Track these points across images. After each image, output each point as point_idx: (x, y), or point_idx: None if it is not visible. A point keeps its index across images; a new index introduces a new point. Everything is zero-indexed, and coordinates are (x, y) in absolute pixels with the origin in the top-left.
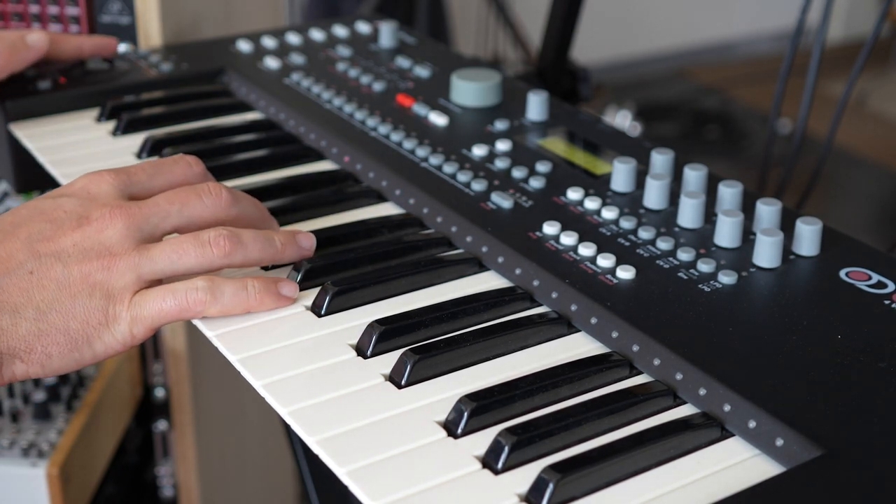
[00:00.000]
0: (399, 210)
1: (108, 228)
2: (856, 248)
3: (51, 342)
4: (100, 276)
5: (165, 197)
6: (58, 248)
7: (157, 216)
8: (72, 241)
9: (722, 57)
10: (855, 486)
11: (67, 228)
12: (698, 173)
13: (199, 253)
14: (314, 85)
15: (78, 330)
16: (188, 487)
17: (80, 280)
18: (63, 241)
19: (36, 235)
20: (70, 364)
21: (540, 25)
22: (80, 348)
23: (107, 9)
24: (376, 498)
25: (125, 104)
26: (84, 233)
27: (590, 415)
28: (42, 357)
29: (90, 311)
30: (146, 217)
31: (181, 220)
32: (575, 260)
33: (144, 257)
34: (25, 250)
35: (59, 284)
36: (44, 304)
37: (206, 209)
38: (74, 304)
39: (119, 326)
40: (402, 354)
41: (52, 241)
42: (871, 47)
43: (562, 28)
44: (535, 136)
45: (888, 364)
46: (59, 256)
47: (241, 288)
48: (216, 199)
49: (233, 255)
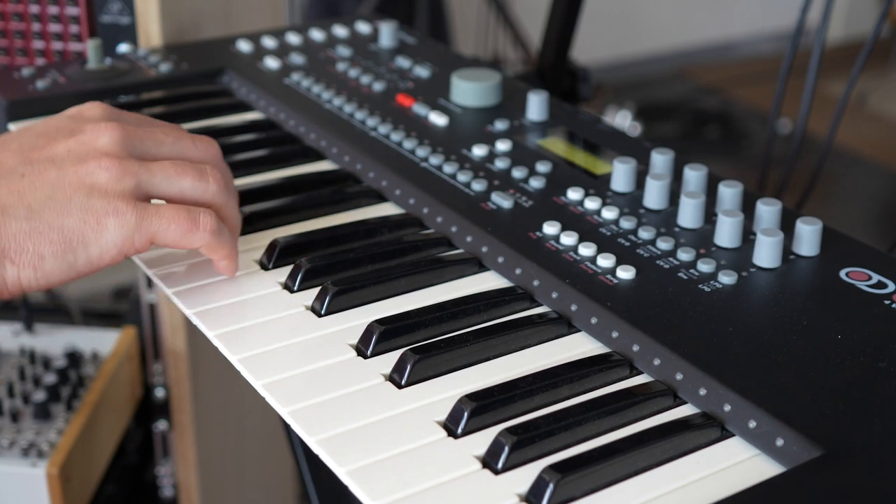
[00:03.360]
0: (399, 210)
1: (103, 136)
2: (856, 248)
3: (43, 240)
4: (98, 175)
5: (160, 128)
6: (52, 154)
7: (150, 140)
8: (66, 147)
9: (722, 57)
10: (855, 486)
11: (61, 137)
12: (698, 173)
13: (198, 179)
14: (314, 85)
15: (73, 228)
16: (188, 487)
17: (76, 180)
18: (57, 148)
19: (28, 145)
20: (63, 268)
21: (540, 25)
22: (74, 249)
23: (107, 9)
24: (376, 498)
25: (125, 104)
26: (78, 140)
27: (590, 415)
28: (34, 258)
29: (88, 209)
30: (140, 137)
31: (173, 151)
32: (575, 260)
33: (143, 167)
34: (16, 157)
35: (54, 185)
36: (36, 203)
37: (196, 151)
38: (70, 203)
39: (121, 228)
40: (402, 354)
41: (45, 149)
42: (871, 47)
43: (562, 28)
44: (535, 136)
45: (888, 364)
46: (54, 160)
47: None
48: (208, 146)
49: (223, 195)
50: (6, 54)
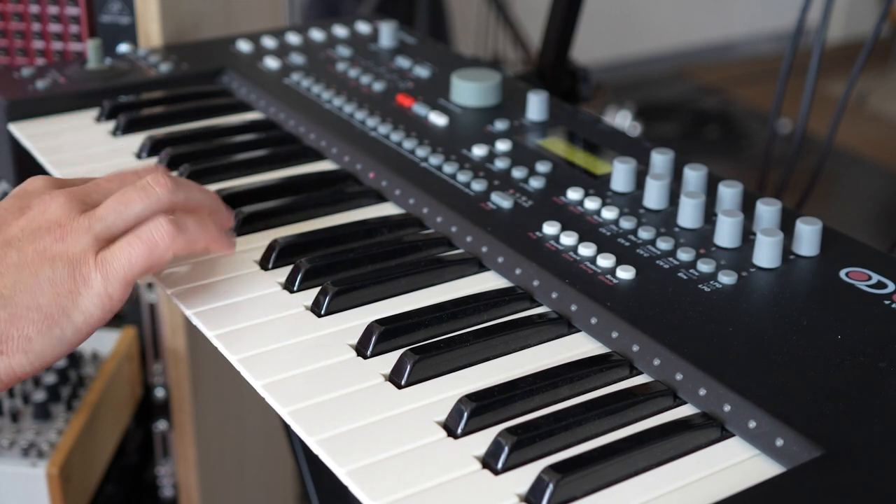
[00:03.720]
0: (399, 210)
1: (50, 206)
2: (856, 248)
3: (26, 323)
4: (56, 247)
5: (104, 178)
6: (7, 237)
7: (95, 192)
8: (18, 228)
9: (722, 57)
10: (855, 486)
11: (11, 218)
12: (698, 173)
13: (143, 195)
14: (314, 85)
15: (50, 303)
16: (188, 487)
17: (37, 258)
18: (10, 230)
19: None
20: (54, 344)
21: (540, 25)
22: (58, 322)
23: (107, 9)
24: (376, 498)
25: (125, 104)
26: (28, 217)
27: (590, 415)
28: (22, 342)
29: (57, 282)
30: (86, 192)
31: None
32: (575, 260)
33: (93, 218)
34: None
35: (18, 267)
36: (6, 290)
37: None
38: (38, 280)
39: (92, 289)
40: (402, 354)
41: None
42: (871, 47)
43: (562, 28)
44: (535, 136)
45: (888, 364)
46: (10, 244)
47: (202, 221)
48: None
49: (176, 192)
50: (6, 54)
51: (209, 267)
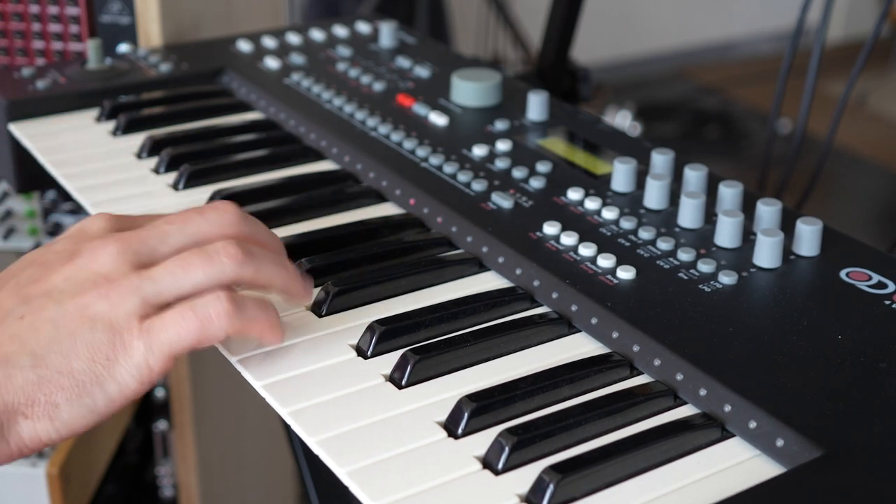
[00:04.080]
0: (399, 210)
1: (100, 256)
2: (856, 248)
3: (54, 388)
4: (99, 306)
5: (163, 218)
6: (48, 287)
7: (154, 238)
8: (63, 277)
9: (722, 57)
10: (855, 486)
11: (57, 266)
12: (698, 173)
13: (207, 264)
14: (314, 85)
15: (84, 370)
16: (188, 487)
17: (77, 315)
18: (54, 279)
19: (24, 280)
20: (83, 413)
21: (540, 25)
22: (90, 392)
23: (107, 9)
24: (376, 498)
25: (125, 104)
26: (75, 265)
27: (590, 415)
28: (48, 408)
29: (95, 347)
30: (141, 240)
31: (183, 239)
32: (575, 260)
33: (145, 278)
34: (13, 296)
35: (55, 324)
36: (40, 348)
37: (209, 225)
38: (75, 342)
39: (131, 359)
40: (403, 355)
41: (42, 282)
42: (871, 47)
43: (562, 28)
44: (535, 136)
45: (888, 364)
46: (51, 295)
47: (264, 302)
48: (222, 214)
49: (245, 265)
50: (6, 54)
51: None
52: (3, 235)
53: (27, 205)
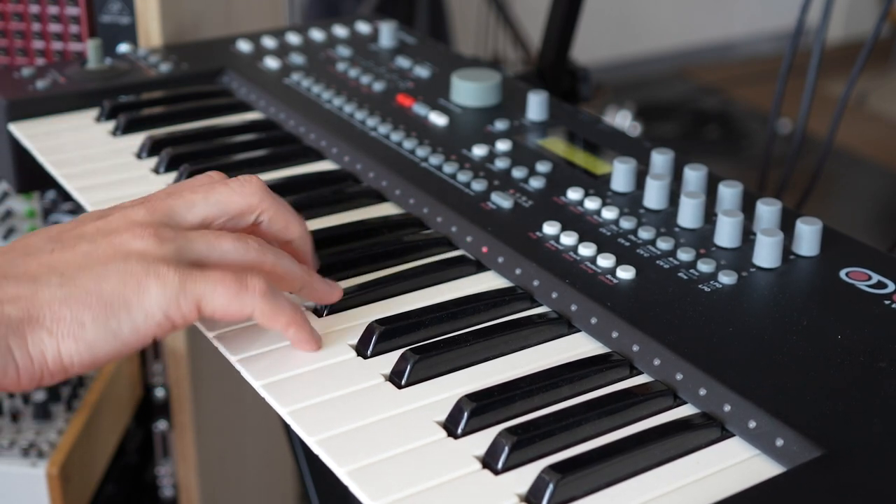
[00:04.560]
0: (399, 210)
1: (131, 214)
2: (856, 248)
3: (82, 306)
4: (134, 243)
5: (186, 186)
6: (81, 232)
7: (181, 206)
8: (94, 227)
9: (722, 57)
10: (855, 486)
11: (89, 220)
12: (698, 173)
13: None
14: (314, 85)
15: (113, 292)
16: (188, 487)
17: (111, 251)
18: (86, 227)
19: (56, 229)
20: (108, 338)
21: (540, 25)
22: (116, 314)
23: (107, 9)
24: (376, 498)
25: (125, 104)
26: (107, 220)
27: (590, 415)
28: (73, 327)
29: (127, 275)
30: (170, 206)
31: (209, 207)
32: (575, 260)
33: (180, 234)
34: (44, 238)
35: (87, 255)
36: (70, 269)
37: (233, 193)
38: (107, 268)
39: (164, 290)
40: (403, 354)
41: (75, 229)
42: (871, 47)
43: (562, 28)
44: (535, 136)
45: (888, 364)
46: (83, 236)
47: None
48: (245, 184)
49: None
50: (6, 54)
51: None
52: (3, 235)
53: (27, 205)
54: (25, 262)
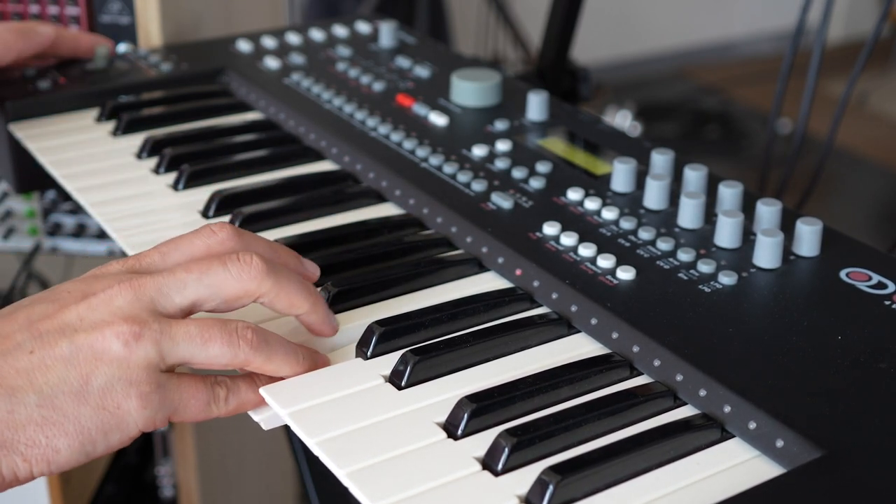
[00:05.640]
0: (399, 210)
1: (117, 298)
2: (856, 248)
3: (58, 433)
4: (115, 347)
5: (182, 265)
6: (61, 323)
7: (171, 285)
8: (77, 315)
9: (722, 57)
10: (855, 487)
11: (71, 304)
12: (698, 173)
13: (226, 342)
14: (314, 85)
15: (91, 416)
16: (188, 487)
17: (91, 355)
18: (67, 315)
19: (36, 315)
20: (80, 459)
21: (540, 25)
22: (93, 440)
23: (107, 9)
24: (376, 499)
25: (125, 104)
26: (90, 304)
27: (590, 416)
28: (48, 451)
29: (107, 393)
30: (158, 287)
31: (201, 289)
32: (575, 260)
33: (165, 333)
34: (25, 330)
35: (67, 363)
36: (48, 388)
37: (230, 280)
38: (87, 385)
39: (143, 411)
40: (403, 355)
41: (55, 318)
42: (871, 47)
43: (562, 28)
44: (535, 136)
45: (888, 364)
46: (64, 331)
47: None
48: (245, 271)
49: (258, 351)
50: None
51: None
52: (3, 235)
53: (27, 205)
54: (3, 365)
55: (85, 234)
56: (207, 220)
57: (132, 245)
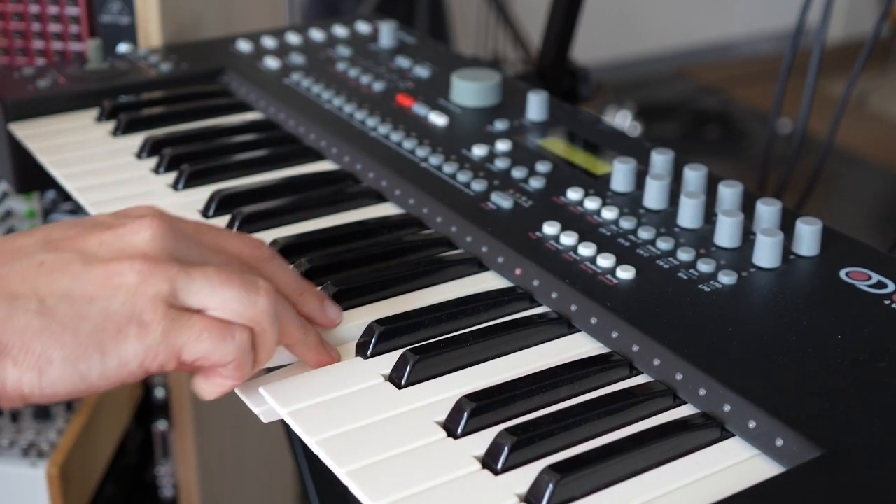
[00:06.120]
0: (399, 210)
1: (144, 231)
2: (856, 248)
3: (54, 342)
4: (128, 277)
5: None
6: (81, 245)
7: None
8: (98, 241)
9: (722, 57)
10: (855, 486)
11: (96, 230)
12: (698, 173)
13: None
14: (314, 85)
15: (90, 332)
16: (188, 487)
17: (102, 279)
18: (89, 240)
19: (57, 233)
20: (73, 378)
21: (540, 25)
22: (89, 357)
23: (107, 9)
24: (376, 498)
25: (125, 104)
26: (115, 233)
27: (590, 415)
28: (41, 361)
29: (109, 315)
30: (187, 244)
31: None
32: (575, 260)
33: (183, 272)
34: (41, 243)
35: (75, 279)
36: (51, 298)
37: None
38: (90, 305)
39: (144, 339)
40: (402, 354)
41: (76, 239)
42: (871, 47)
43: (562, 28)
44: (535, 136)
45: (888, 364)
46: (82, 252)
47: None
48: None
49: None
50: (6, 54)
51: None
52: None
53: (27, 205)
54: (10, 270)
55: None
56: (208, 219)
57: None
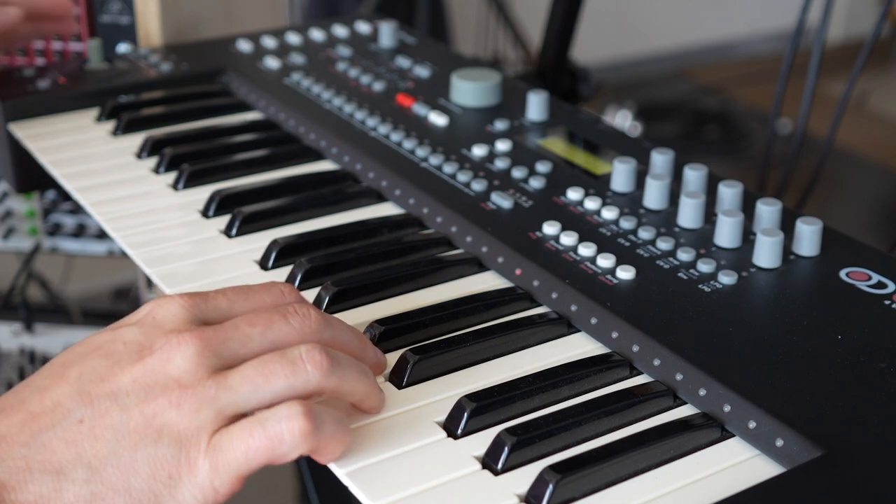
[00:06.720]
0: (399, 210)
1: (175, 357)
2: (856, 248)
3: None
4: (168, 416)
5: (245, 319)
6: (114, 388)
7: (235, 340)
8: (131, 378)
9: (722, 57)
10: (855, 486)
11: (126, 363)
12: (698, 173)
13: (290, 372)
14: (314, 85)
15: (142, 489)
16: None
17: (142, 424)
18: (121, 379)
19: (88, 375)
20: None
21: (540, 25)
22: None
23: (107, 9)
24: (376, 498)
25: (125, 104)
26: (146, 366)
27: (590, 415)
28: None
29: (158, 463)
30: (222, 341)
31: (265, 344)
32: (575, 260)
33: (222, 387)
34: (75, 395)
35: (117, 432)
36: (97, 460)
37: (293, 331)
38: (136, 456)
39: (195, 479)
40: (402, 355)
41: (108, 381)
42: (871, 47)
43: (562, 28)
44: (535, 136)
45: (888, 364)
46: (116, 397)
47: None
48: (304, 320)
49: (330, 375)
50: (6, 54)
51: (209, 267)
52: (2, 235)
53: (27, 205)
54: (52, 438)
55: (85, 234)
56: (207, 219)
57: (132, 245)
